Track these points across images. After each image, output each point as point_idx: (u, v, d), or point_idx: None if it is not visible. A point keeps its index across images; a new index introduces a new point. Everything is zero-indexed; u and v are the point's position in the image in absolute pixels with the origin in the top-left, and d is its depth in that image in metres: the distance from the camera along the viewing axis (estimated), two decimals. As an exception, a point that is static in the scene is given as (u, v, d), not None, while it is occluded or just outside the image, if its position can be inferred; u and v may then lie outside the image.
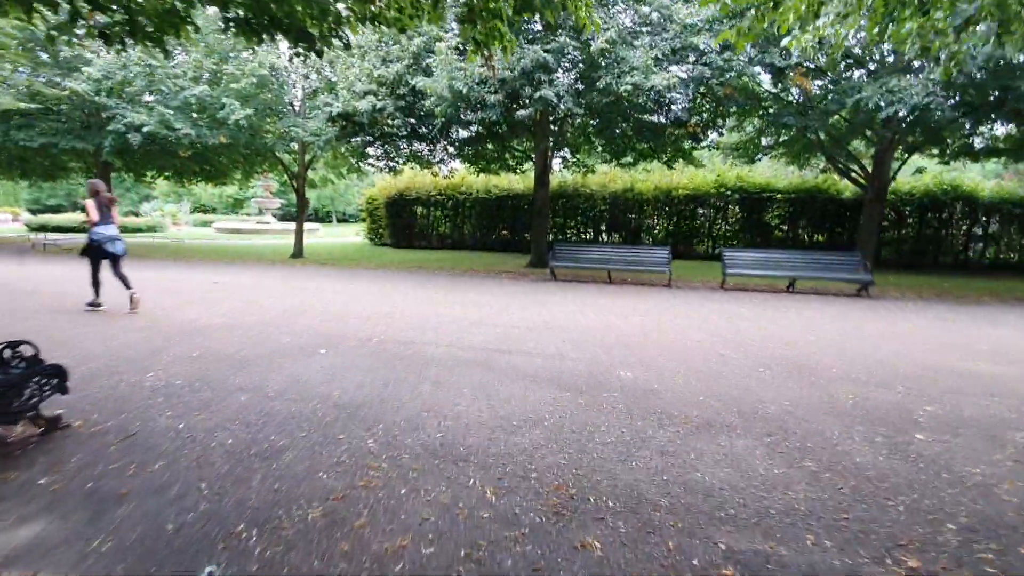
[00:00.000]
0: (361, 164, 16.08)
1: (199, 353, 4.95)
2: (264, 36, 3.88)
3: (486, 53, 4.34)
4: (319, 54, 4.15)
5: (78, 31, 3.89)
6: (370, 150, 14.81)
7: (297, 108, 14.46)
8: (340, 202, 47.04)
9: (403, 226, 19.44)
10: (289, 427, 3.37)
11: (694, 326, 6.67)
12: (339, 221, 47.81)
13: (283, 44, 15.19)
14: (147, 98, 13.02)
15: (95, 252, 6.72)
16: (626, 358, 5.05)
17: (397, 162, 14.94)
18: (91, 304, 6.86)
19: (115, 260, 6.80)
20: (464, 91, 8.70)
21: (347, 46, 4.44)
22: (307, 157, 15.44)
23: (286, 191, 43.80)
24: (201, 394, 3.91)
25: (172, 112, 12.22)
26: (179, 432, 3.29)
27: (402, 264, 14.06)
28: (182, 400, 3.79)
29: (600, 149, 14.74)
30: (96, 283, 6.90)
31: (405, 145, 14.31)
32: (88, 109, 13.78)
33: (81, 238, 21.80)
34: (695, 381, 4.40)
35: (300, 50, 4.13)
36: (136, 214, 35.73)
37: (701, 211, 16.58)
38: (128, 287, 6.86)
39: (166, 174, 18.89)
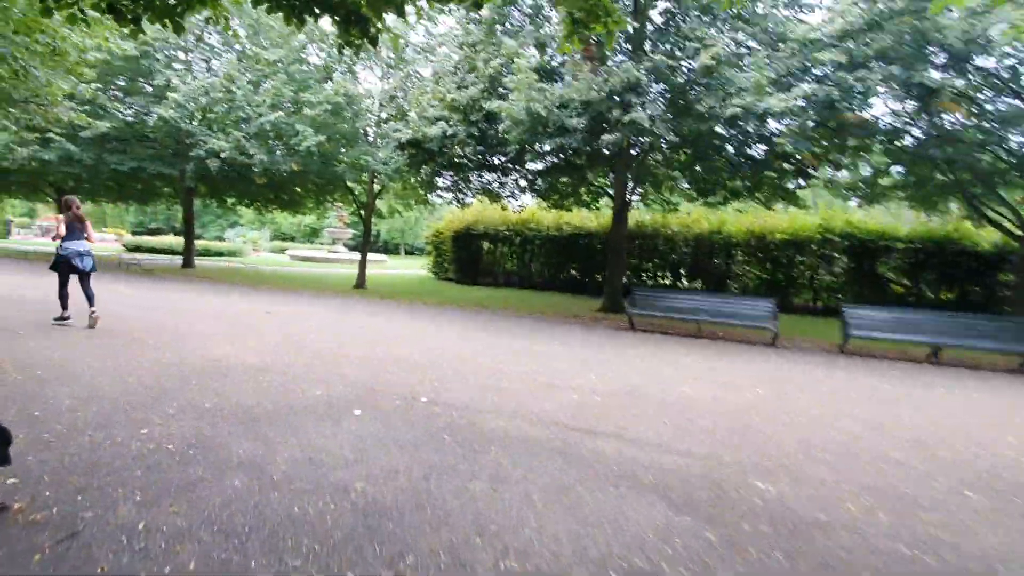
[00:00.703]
0: (429, 196, 15.61)
1: (212, 404, 4.07)
2: (306, 16, 3.08)
3: (583, 40, 3.31)
4: (373, 42, 3.30)
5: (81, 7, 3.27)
6: (439, 181, 14.32)
7: (370, 136, 14.25)
8: (409, 235, 47.91)
9: (468, 261, 18.74)
10: (281, 545, 2.29)
11: (834, 409, 5.08)
12: (407, 253, 48.62)
13: (368, 73, 15.28)
14: (227, 124, 13.23)
15: (63, 267, 6.79)
16: (759, 458, 3.62)
17: (466, 194, 14.30)
18: (58, 318, 6.88)
19: (83, 275, 6.86)
20: (543, 114, 7.80)
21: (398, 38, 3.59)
22: (376, 187, 15.17)
23: (358, 222, 45.50)
24: (189, 469, 2.94)
25: (247, 137, 12.27)
26: (134, 536, 2.30)
27: (465, 302, 13.16)
28: (163, 477, 2.85)
29: (687, 186, 13.39)
30: (63, 296, 6.92)
31: (475, 177, 13.69)
32: (175, 135, 14.22)
33: (164, 259, 23.18)
34: (880, 510, 2.92)
35: (351, 38, 3.29)
36: (220, 239, 37.86)
37: (802, 259, 14.63)
38: (91, 305, 6.85)
39: (244, 201, 19.45)
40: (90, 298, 6.91)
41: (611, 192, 13.49)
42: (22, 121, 9.46)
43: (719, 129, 8.38)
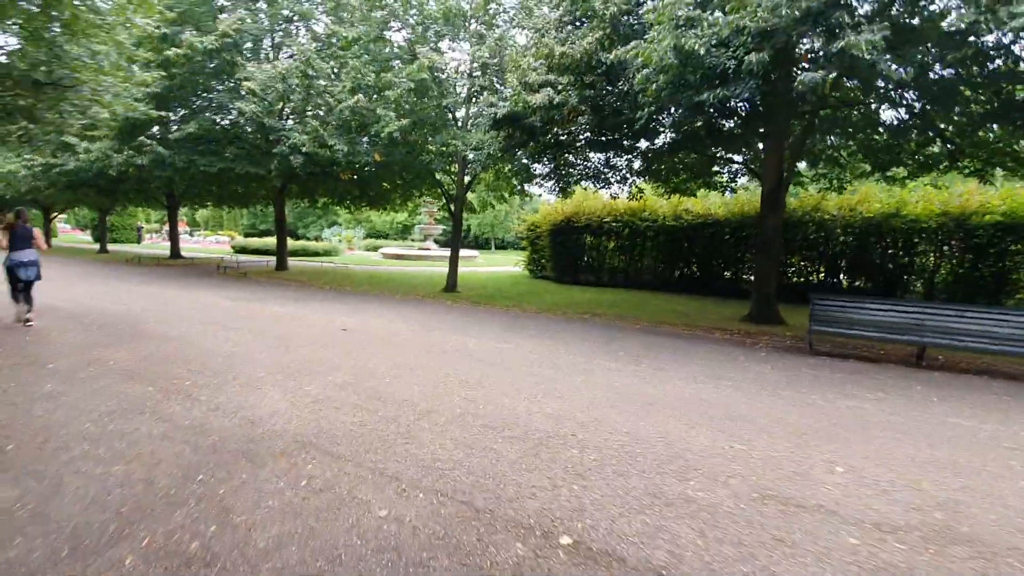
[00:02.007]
0: (525, 185, 13.63)
1: (201, 543, 2.28)
2: None
3: None
4: None
5: None
6: (536, 168, 12.28)
7: (459, 118, 12.49)
8: (500, 228, 46.61)
9: (568, 258, 16.56)
10: None
11: None
12: (497, 248, 47.42)
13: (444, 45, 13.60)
14: (306, 112, 12.07)
15: (11, 275, 7.10)
16: None
17: (568, 181, 12.12)
18: (24, 321, 7.18)
19: (26, 284, 7.16)
20: (699, 51, 5.42)
21: None
22: (466, 178, 13.45)
23: (448, 217, 44.93)
24: None
25: (326, 125, 11.00)
26: None
27: (570, 308, 11.03)
28: None
29: (860, 156, 10.25)
30: (15, 300, 7.23)
31: (578, 159, 11.46)
32: (261, 132, 13.42)
33: (264, 260, 23.43)
34: None
35: None
36: (318, 238, 38.84)
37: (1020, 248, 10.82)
38: (29, 306, 7.23)
39: (334, 199, 18.74)
40: (29, 302, 7.26)
41: (749, 168, 10.67)
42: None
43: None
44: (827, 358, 6.94)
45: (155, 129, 15.26)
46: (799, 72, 5.51)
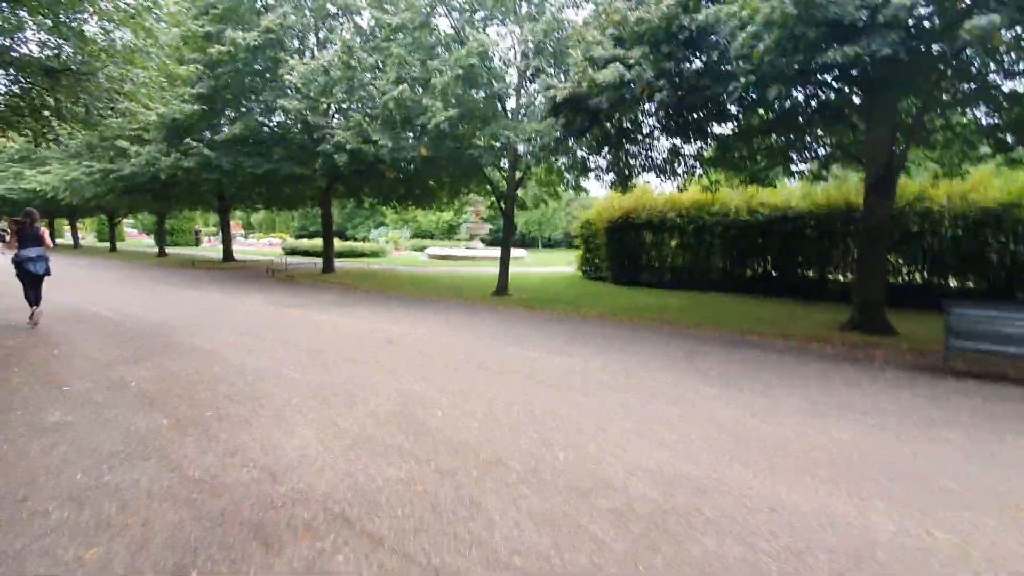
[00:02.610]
0: (581, 179, 12.60)
1: None
2: None
3: None
4: None
5: None
6: (592, 160, 11.20)
7: (508, 109, 11.59)
8: (548, 226, 45.47)
9: (626, 257, 15.37)
10: None
11: None
12: (544, 246, 46.35)
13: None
14: (350, 105, 11.47)
15: (20, 270, 7.42)
16: None
17: (630, 173, 10.98)
18: (33, 320, 7.51)
19: (35, 278, 7.50)
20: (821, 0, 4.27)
21: None
22: (517, 174, 12.55)
23: (495, 215, 44.06)
24: None
25: (370, 120, 10.35)
26: None
27: (635, 313, 9.92)
28: None
29: (982, 134, 8.66)
30: (28, 298, 7.54)
31: (642, 149, 10.31)
32: (306, 131, 12.97)
33: (312, 262, 23.34)
34: None
35: None
36: (366, 239, 39.00)
37: None
38: (37, 306, 7.54)
39: (380, 199, 18.27)
40: (38, 299, 7.60)
41: (846, 151, 9.22)
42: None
43: None
44: (972, 381, 5.59)
45: (205, 134, 15.16)
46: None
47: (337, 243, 22.41)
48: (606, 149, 10.17)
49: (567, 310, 10.39)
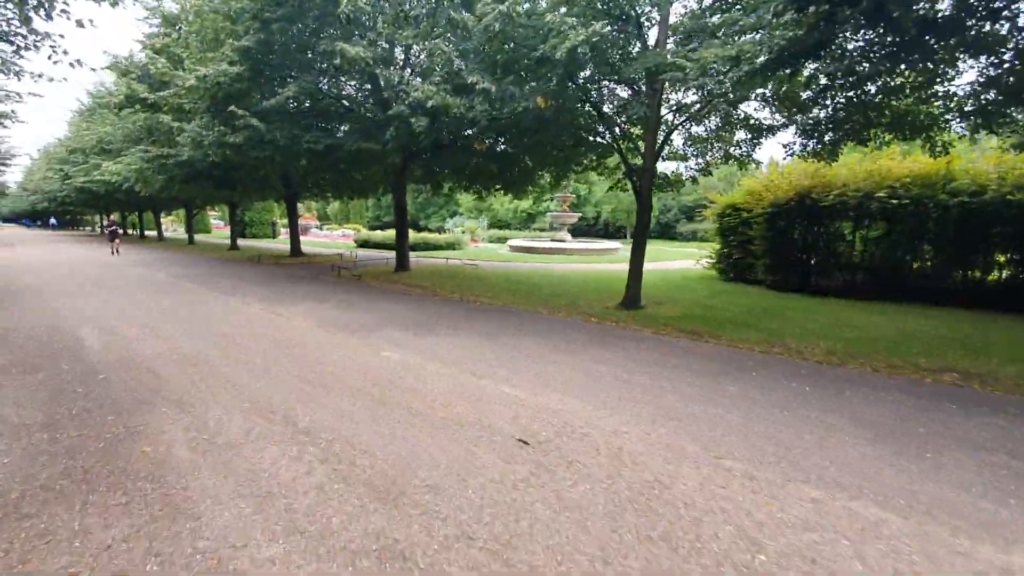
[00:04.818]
0: (754, 148, 8.70)
1: None
2: None
3: None
4: None
5: None
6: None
7: (651, 37, 7.83)
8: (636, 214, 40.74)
9: (796, 254, 11.20)
10: None
11: None
12: (631, 237, 41.89)
13: None
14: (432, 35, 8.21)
15: None
16: None
17: (859, 129, 6.99)
18: None
19: None
20: None
21: None
22: (659, 137, 8.86)
23: (580, 203, 39.93)
24: None
25: (462, 55, 7.05)
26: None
27: (890, 352, 6.00)
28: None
29: None
30: None
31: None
32: (375, 94, 9.94)
33: (385, 257, 20.74)
34: None
35: None
36: (440, 230, 36.46)
37: None
38: None
39: (462, 183, 15.12)
40: None
41: None
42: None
43: None
44: None
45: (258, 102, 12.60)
46: None
47: (411, 235, 19.64)
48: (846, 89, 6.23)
49: (754, 341, 6.61)
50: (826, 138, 7.41)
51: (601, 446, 3.42)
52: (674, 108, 9.25)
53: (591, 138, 9.78)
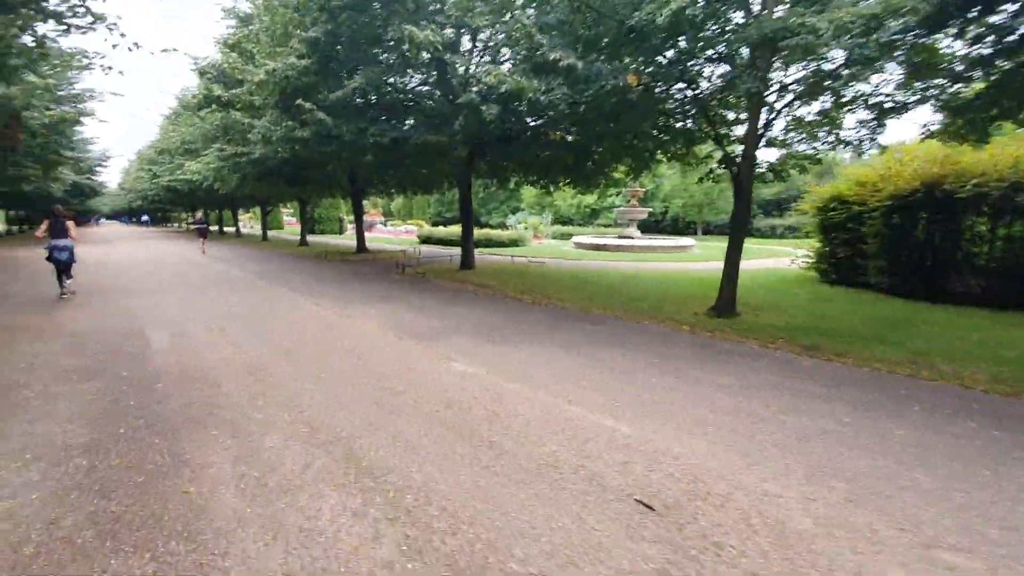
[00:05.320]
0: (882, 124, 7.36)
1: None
2: None
3: None
4: None
5: None
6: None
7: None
8: (709, 210, 38.33)
9: (920, 252, 9.62)
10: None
11: None
12: (704, 234, 39.52)
13: None
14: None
15: (49, 258, 8.87)
16: None
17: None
18: (61, 294, 8.93)
19: (60, 264, 8.89)
20: None
21: None
22: (761, 117, 7.70)
23: (647, 198, 37.98)
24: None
25: (545, 31, 6.25)
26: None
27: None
28: None
29: None
30: (59, 281, 9.00)
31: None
32: (442, 84, 9.37)
33: (448, 253, 20.45)
34: None
35: None
36: (503, 226, 35.94)
37: None
38: (61, 287, 9.01)
39: (529, 178, 14.37)
40: (62, 282, 9.02)
41: None
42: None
43: None
44: None
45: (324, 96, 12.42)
46: None
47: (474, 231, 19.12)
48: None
49: (899, 363, 5.42)
50: (978, 116, 6.03)
51: (753, 518, 2.55)
52: (778, 87, 8.04)
53: (680, 124, 8.72)
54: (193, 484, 2.83)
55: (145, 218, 70.05)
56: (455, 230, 29.12)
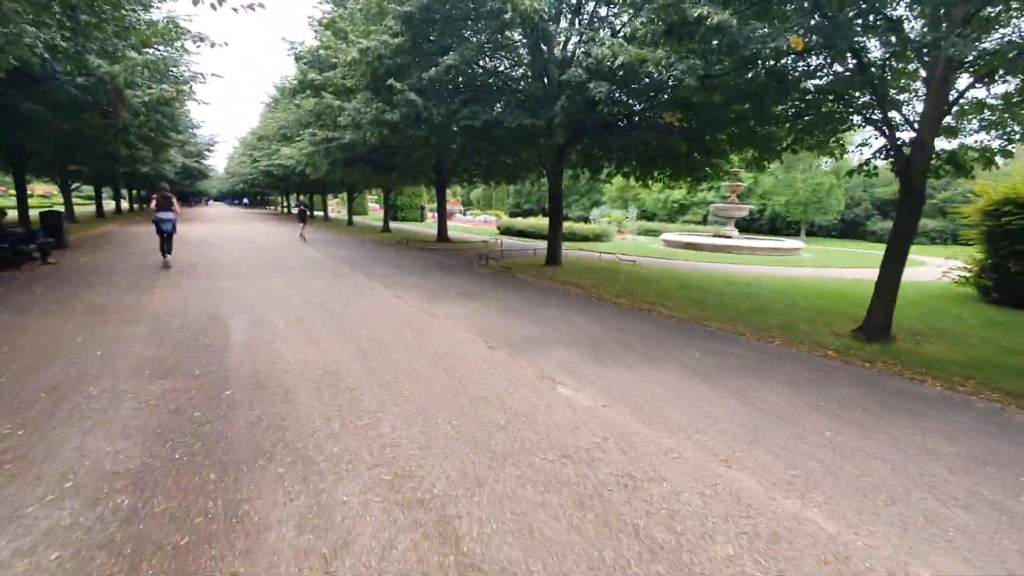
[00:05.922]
0: None
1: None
2: None
3: None
4: None
5: None
6: None
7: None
8: (815, 209, 34.51)
9: None
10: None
11: None
12: (808, 234, 35.80)
13: None
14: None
15: (156, 228, 10.14)
16: None
17: None
18: (164, 264, 10.16)
19: (164, 233, 10.14)
20: None
21: None
22: (951, 90, 6.10)
23: (744, 194, 34.71)
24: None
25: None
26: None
27: None
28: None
29: None
30: (162, 250, 10.33)
31: None
32: (537, 62, 8.42)
33: (532, 246, 19.60)
34: None
35: None
36: (584, 220, 34.55)
37: None
38: (164, 256, 10.33)
39: (624, 168, 13.10)
40: (166, 251, 10.32)
41: None
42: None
43: None
44: None
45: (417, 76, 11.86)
46: None
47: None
48: None
49: None
50: None
51: None
52: (976, 54, 6.33)
53: (832, 104, 7.17)
54: (244, 563, 2.11)
55: (245, 200, 75.74)
56: (534, 222, 28.19)
